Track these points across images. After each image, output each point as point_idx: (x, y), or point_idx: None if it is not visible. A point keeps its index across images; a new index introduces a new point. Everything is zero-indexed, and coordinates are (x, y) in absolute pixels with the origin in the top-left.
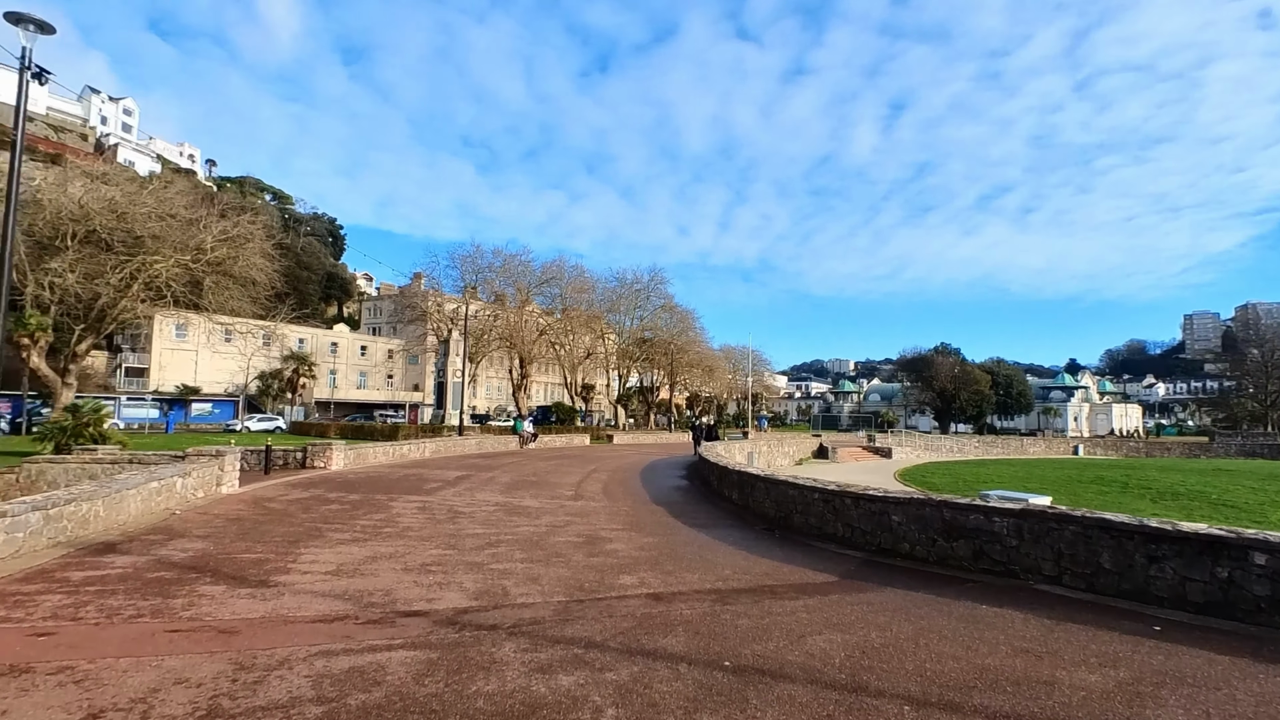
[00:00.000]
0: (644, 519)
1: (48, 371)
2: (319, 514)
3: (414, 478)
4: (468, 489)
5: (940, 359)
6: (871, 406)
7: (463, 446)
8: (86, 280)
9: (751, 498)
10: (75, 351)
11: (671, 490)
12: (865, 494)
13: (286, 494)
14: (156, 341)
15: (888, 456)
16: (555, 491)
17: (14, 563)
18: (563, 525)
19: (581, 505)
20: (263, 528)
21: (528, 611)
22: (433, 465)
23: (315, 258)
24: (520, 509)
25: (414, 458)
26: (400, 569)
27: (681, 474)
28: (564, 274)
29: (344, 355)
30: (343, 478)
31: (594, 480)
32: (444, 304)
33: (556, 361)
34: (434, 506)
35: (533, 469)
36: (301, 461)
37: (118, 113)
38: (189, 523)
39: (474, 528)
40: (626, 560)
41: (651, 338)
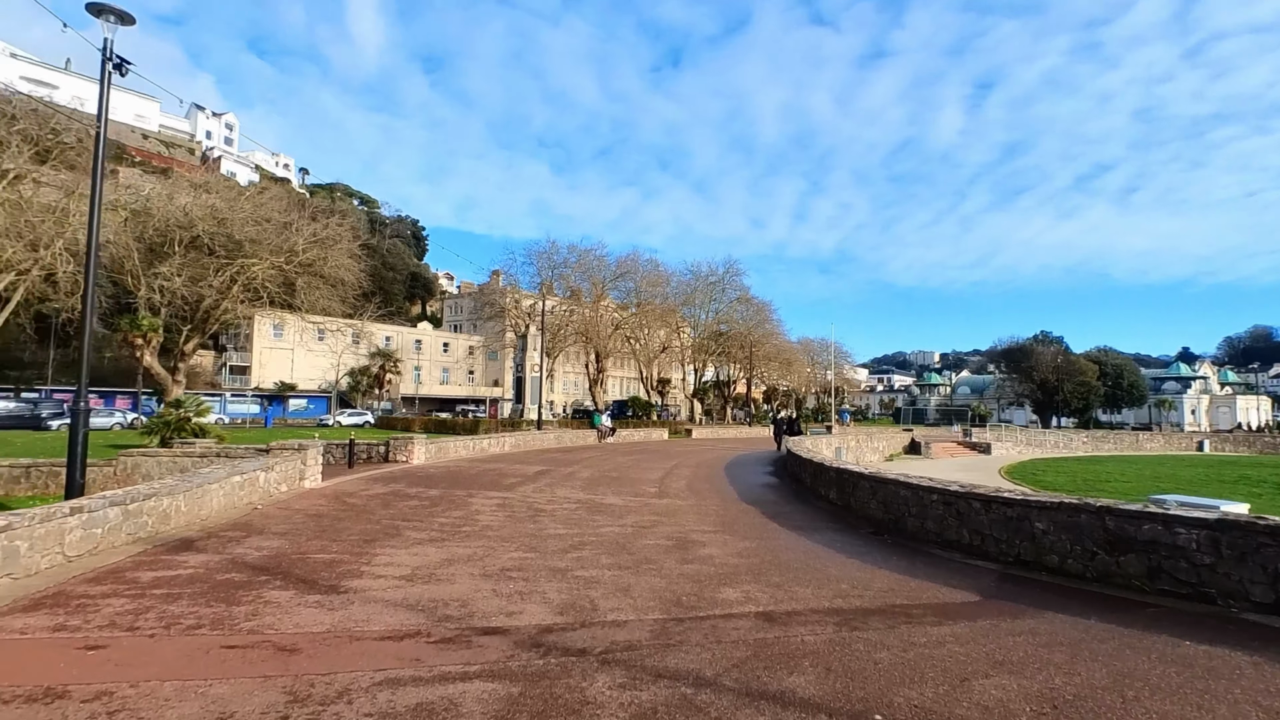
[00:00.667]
0: (736, 520)
1: (160, 370)
2: (397, 510)
3: (493, 473)
4: (548, 485)
5: (1041, 348)
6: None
7: (542, 441)
8: (191, 283)
9: (854, 498)
10: (183, 350)
11: (760, 488)
12: (999, 496)
13: (367, 489)
14: (256, 341)
15: (986, 452)
16: (638, 488)
17: (89, 560)
18: (649, 526)
19: (667, 504)
20: (340, 525)
21: (620, 632)
22: (512, 460)
23: (400, 259)
24: (603, 507)
25: (494, 452)
26: (478, 574)
27: (769, 470)
28: (638, 268)
29: (427, 352)
30: (423, 472)
31: (677, 476)
32: (521, 300)
33: (632, 356)
34: (514, 504)
35: (613, 464)
36: (384, 456)
37: (220, 127)
38: (269, 518)
39: (556, 527)
40: (725, 569)
41: (727, 331)
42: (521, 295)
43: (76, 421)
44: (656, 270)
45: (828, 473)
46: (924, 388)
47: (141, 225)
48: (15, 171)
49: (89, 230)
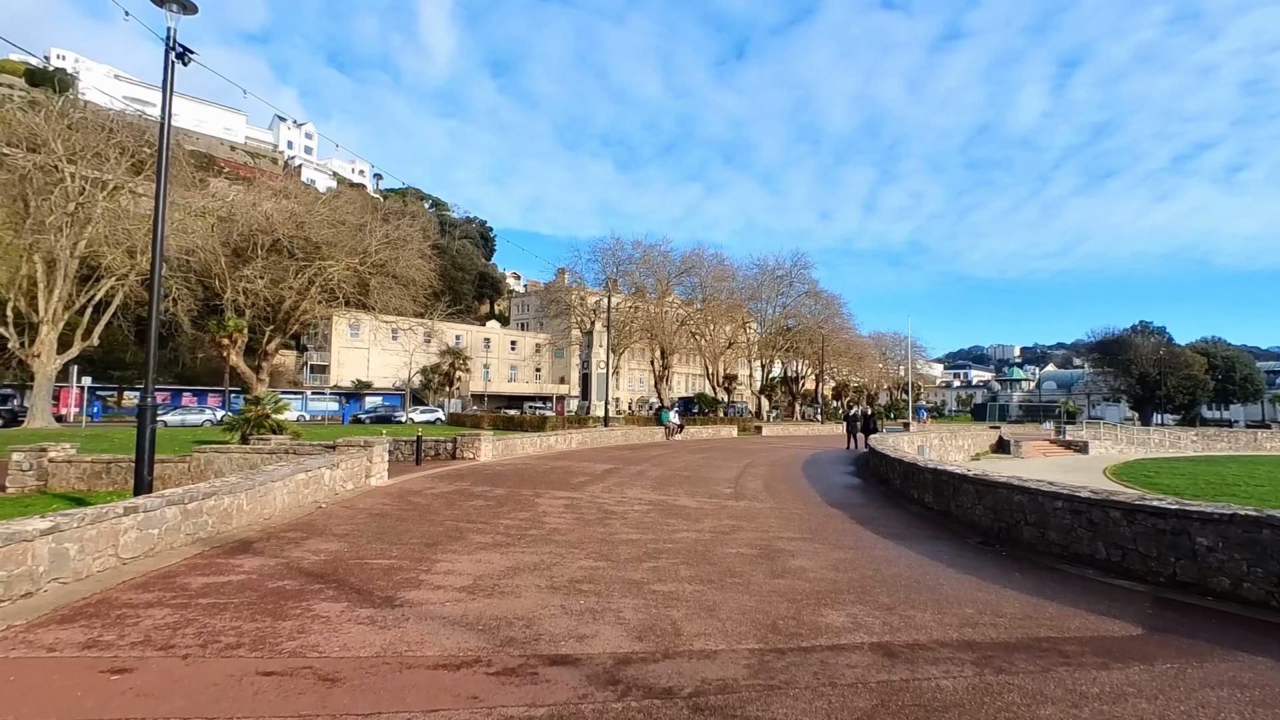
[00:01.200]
0: (824, 525)
1: (245, 369)
2: (462, 511)
3: (561, 471)
4: (617, 484)
5: (1140, 340)
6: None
7: (609, 438)
8: (273, 285)
9: (954, 502)
10: (266, 350)
11: (843, 489)
12: (1146, 505)
13: (432, 487)
14: (335, 341)
15: (1083, 451)
16: (712, 488)
17: (144, 563)
18: (729, 532)
19: (745, 506)
20: (402, 526)
21: (711, 667)
22: (579, 457)
23: (468, 259)
24: (676, 509)
25: (561, 449)
26: (545, 586)
27: (849, 470)
28: (703, 263)
29: (495, 350)
30: (490, 470)
31: (752, 476)
32: (586, 298)
33: (698, 352)
34: (582, 505)
35: (683, 462)
36: (452, 452)
37: (301, 137)
38: (331, 518)
39: (627, 532)
40: (822, 585)
41: (795, 326)
42: (587, 292)
43: (144, 418)
44: (721, 265)
45: (921, 474)
46: (1005, 383)
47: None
48: (114, 183)
49: (154, 223)
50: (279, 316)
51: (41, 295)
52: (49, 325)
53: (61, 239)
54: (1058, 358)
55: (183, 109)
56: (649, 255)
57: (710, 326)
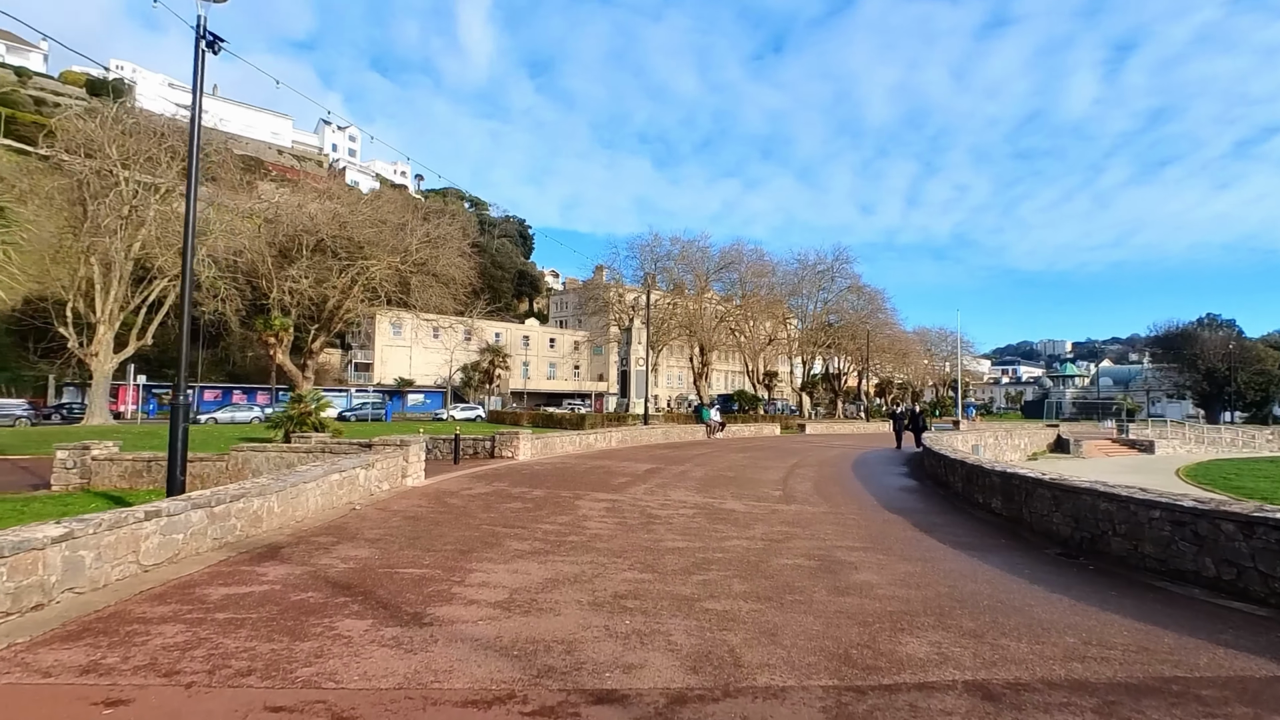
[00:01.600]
0: (884, 533)
1: (290, 367)
2: (499, 514)
3: (601, 470)
4: (659, 485)
5: (1208, 333)
6: (1103, 392)
7: (649, 436)
8: (317, 284)
9: (1027, 508)
10: (311, 348)
11: (899, 492)
12: (1266, 517)
13: (469, 487)
14: (378, 339)
15: (1148, 451)
16: (759, 490)
17: (166, 570)
18: (782, 540)
19: (796, 510)
20: (436, 531)
21: (781, 710)
22: (620, 456)
23: (507, 257)
24: (724, 514)
25: (600, 448)
26: (587, 603)
27: (902, 471)
28: (742, 258)
29: (534, 348)
30: (529, 469)
31: (800, 477)
32: (624, 294)
33: (737, 349)
34: (624, 507)
35: (727, 462)
36: (490, 451)
37: (345, 140)
38: (365, 521)
39: (673, 538)
40: (894, 605)
41: (837, 322)
42: (625, 289)
43: (176, 417)
44: (761, 260)
45: (987, 477)
46: (1059, 379)
47: (273, 231)
48: (166, 186)
49: (186, 210)
50: (323, 315)
51: (99, 296)
52: (106, 325)
53: (116, 241)
54: (1112, 353)
55: (231, 114)
56: (687, 251)
57: (750, 323)
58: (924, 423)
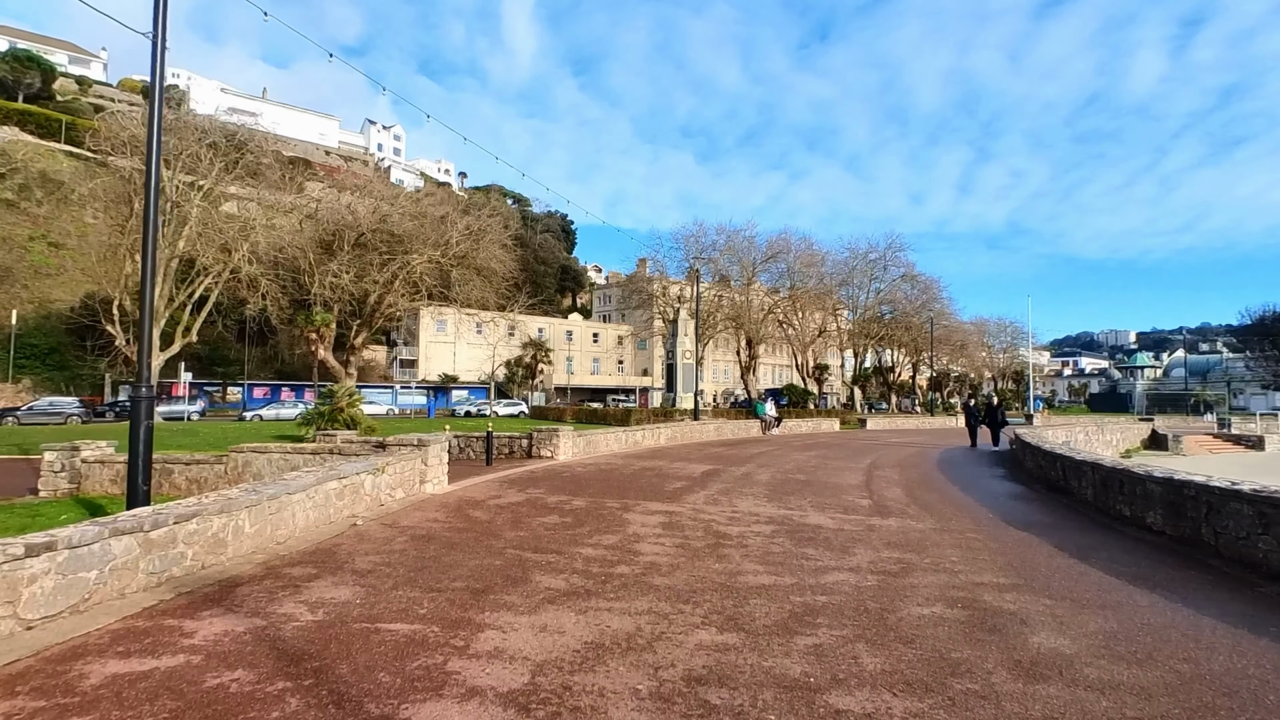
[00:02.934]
0: (1027, 561)
1: (333, 363)
2: (530, 532)
3: (652, 473)
4: (722, 492)
5: None
6: (1175, 384)
7: (701, 432)
8: (358, 279)
9: (1211, 526)
10: (354, 344)
11: (1010, 500)
12: None
13: (498, 496)
14: (422, 335)
15: (1257, 448)
16: (842, 499)
17: (63, 625)
18: (899, 573)
19: (899, 527)
20: (449, 557)
21: None
22: (671, 456)
23: (550, 253)
24: (809, 531)
25: (648, 445)
26: (648, 693)
27: (997, 472)
28: (790, 248)
29: (578, 343)
30: (570, 472)
31: (884, 480)
32: (669, 287)
33: (785, 342)
34: (684, 522)
35: (793, 463)
36: (527, 450)
37: (390, 139)
38: (363, 542)
39: (754, 569)
40: (1130, 704)
41: (890, 313)
42: (668, 282)
43: (137, 414)
44: (810, 250)
45: (1142, 484)
46: (1127, 370)
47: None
48: (208, 184)
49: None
50: (365, 310)
51: None
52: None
53: (160, 237)
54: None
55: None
56: (733, 241)
57: (799, 314)
58: (1003, 417)
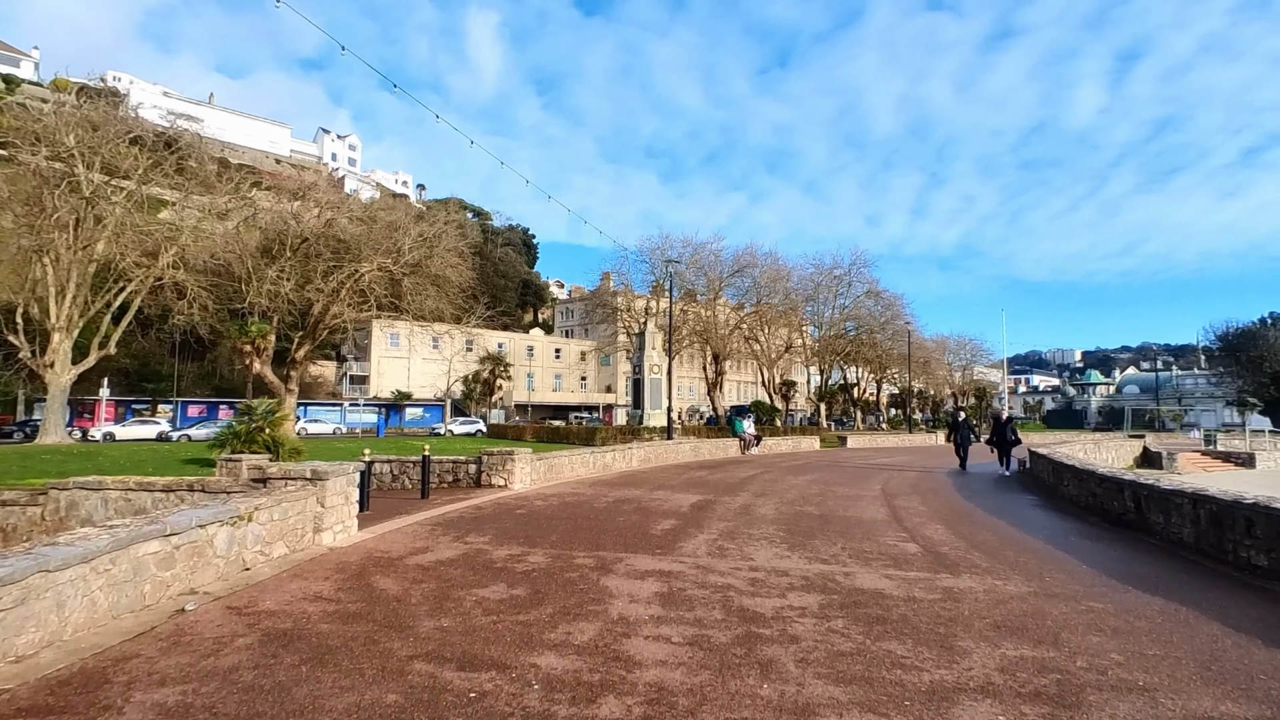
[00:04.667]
0: (1220, 656)
1: (273, 378)
2: (459, 621)
3: (630, 507)
4: (727, 534)
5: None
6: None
7: (677, 453)
8: (300, 288)
9: None
10: (295, 358)
11: (1079, 539)
12: None
13: (426, 548)
14: (375, 350)
15: (1248, 465)
16: (878, 541)
17: None
18: (1065, 696)
19: (985, 590)
20: (304, 690)
21: None
22: (649, 482)
23: (511, 266)
24: (871, 602)
25: (620, 469)
26: None
27: (1031, 499)
28: (756, 261)
29: (540, 358)
30: (526, 507)
31: (913, 514)
32: (634, 301)
33: (752, 358)
34: (690, 591)
35: (794, 489)
36: (475, 478)
37: (345, 149)
38: (175, 650)
39: (830, 700)
40: None
41: (854, 329)
42: (634, 296)
43: None
44: (776, 264)
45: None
46: (1081, 387)
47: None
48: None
49: None
50: (308, 322)
51: (53, 301)
52: (62, 333)
53: (69, 237)
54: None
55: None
56: (699, 254)
57: (765, 330)
58: (1014, 435)
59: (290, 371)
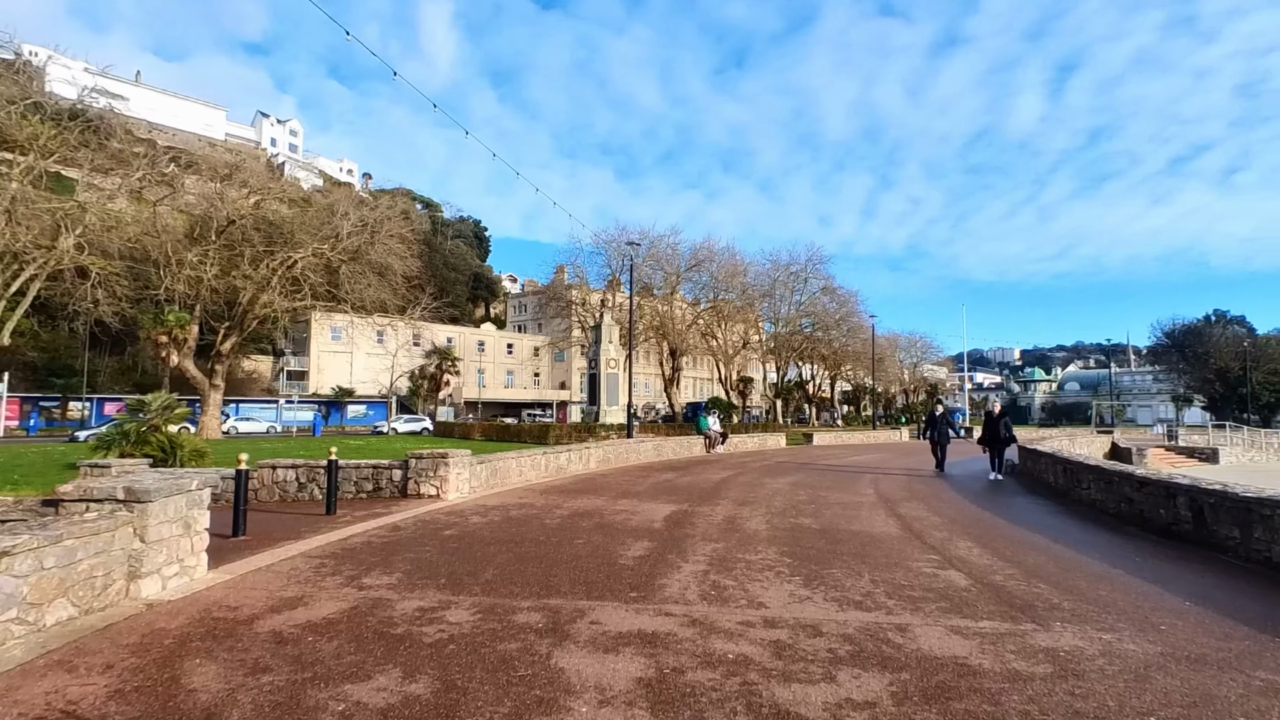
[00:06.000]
0: None
1: (195, 373)
2: None
3: (590, 524)
4: (718, 563)
5: (1218, 331)
6: (1069, 396)
7: (638, 453)
8: (224, 274)
9: None
10: (220, 350)
11: (1127, 553)
12: None
13: (294, 604)
14: (314, 344)
15: (1211, 460)
16: (911, 569)
17: None
18: None
19: (1098, 649)
20: None
21: None
22: (612, 489)
23: (462, 259)
24: (961, 685)
25: (577, 472)
26: None
27: (1046, 504)
28: (714, 256)
29: (491, 354)
30: (459, 526)
31: (929, 527)
32: (589, 296)
33: (708, 354)
34: (691, 678)
35: (779, 495)
36: (401, 486)
37: (285, 134)
38: None
39: None
40: None
41: (810, 325)
42: (589, 291)
43: None
44: (734, 259)
45: None
46: (1025, 384)
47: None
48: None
49: None
50: (236, 312)
51: None
52: None
53: None
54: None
55: (159, 103)
56: (656, 247)
57: (723, 325)
58: (1008, 433)
59: (215, 365)
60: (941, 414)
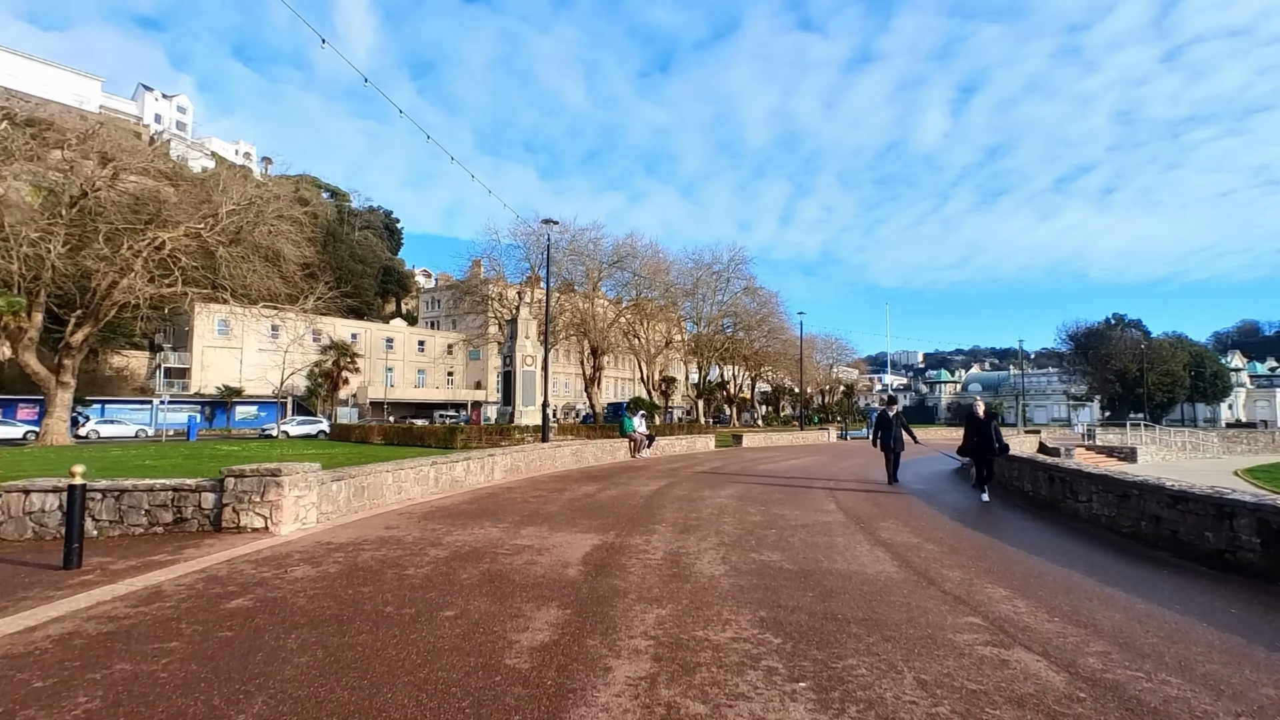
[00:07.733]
0: None
1: (38, 368)
2: None
3: (475, 577)
4: (672, 651)
5: (1118, 333)
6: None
7: (555, 459)
8: (72, 254)
9: None
10: (70, 343)
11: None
12: None
13: None
14: (197, 340)
15: (1130, 459)
16: (960, 647)
17: None
18: None
19: None
20: None
21: None
22: (516, 510)
23: (371, 251)
24: None
25: (475, 485)
26: None
27: (1045, 527)
28: (637, 252)
29: (401, 351)
30: (260, 590)
31: (940, 565)
32: (506, 291)
33: (630, 353)
34: None
35: (730, 516)
36: (214, 517)
37: (172, 110)
38: None
39: None
40: None
41: (731, 326)
42: (507, 287)
43: None
44: (657, 257)
45: None
46: (932, 385)
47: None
48: None
49: None
50: (89, 298)
51: None
52: None
53: None
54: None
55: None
56: (578, 241)
57: (646, 324)
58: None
59: (64, 360)
60: (896, 414)
